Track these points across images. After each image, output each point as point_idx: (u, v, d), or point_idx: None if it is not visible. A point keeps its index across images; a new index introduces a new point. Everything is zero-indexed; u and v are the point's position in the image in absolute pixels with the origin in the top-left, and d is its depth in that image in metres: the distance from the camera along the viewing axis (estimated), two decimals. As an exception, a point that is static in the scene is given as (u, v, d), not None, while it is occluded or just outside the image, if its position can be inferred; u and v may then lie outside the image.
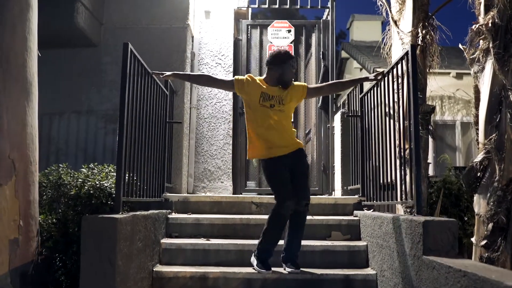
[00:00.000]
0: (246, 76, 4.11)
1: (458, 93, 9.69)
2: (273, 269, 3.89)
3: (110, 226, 3.03)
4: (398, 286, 3.36)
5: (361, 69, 12.01)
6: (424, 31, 5.02)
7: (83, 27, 5.59)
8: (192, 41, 6.55)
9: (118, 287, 3.04)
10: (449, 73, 9.28)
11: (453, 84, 9.73)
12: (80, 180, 4.05)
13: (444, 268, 2.59)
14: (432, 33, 5.13)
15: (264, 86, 4.00)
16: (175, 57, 6.15)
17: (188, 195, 5.68)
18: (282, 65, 3.97)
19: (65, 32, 5.50)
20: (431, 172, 8.84)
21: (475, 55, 4.22)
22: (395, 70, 3.95)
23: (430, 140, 9.48)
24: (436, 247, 2.94)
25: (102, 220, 3.07)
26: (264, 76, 4.09)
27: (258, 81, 4.05)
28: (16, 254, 3.54)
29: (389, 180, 4.08)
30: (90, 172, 4.19)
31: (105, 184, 4.03)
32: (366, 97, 4.98)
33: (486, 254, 3.88)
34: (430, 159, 8.46)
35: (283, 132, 3.95)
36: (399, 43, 5.23)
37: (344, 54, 14.57)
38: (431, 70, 5.23)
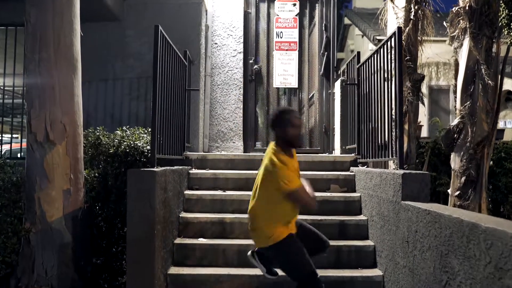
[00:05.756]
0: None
1: (453, 59, 9.93)
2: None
3: (151, 177, 3.73)
4: (384, 227, 4.09)
5: (362, 36, 12.31)
6: (416, 7, 5.52)
7: (110, 4, 6.15)
8: (206, 14, 7.04)
9: (156, 225, 3.76)
10: (444, 41, 9.52)
11: (449, 51, 9.74)
12: (116, 140, 4.73)
13: (415, 209, 3.32)
14: (425, 7, 5.63)
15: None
16: (191, 29, 6.67)
17: (206, 153, 6.37)
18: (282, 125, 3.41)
19: (93, 8, 5.98)
20: (425, 133, 9.39)
21: (455, 33, 4.76)
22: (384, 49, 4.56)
23: (426, 103, 10.01)
24: (412, 194, 3.65)
25: (144, 172, 3.76)
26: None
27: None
28: (69, 202, 4.30)
29: (380, 141, 4.74)
30: (124, 134, 4.86)
31: (138, 144, 4.71)
32: (362, 67, 5.55)
33: (459, 202, 4.56)
34: (424, 121, 9.03)
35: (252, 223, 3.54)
36: (394, 17, 5.74)
37: (347, 21, 14.84)
38: (426, 38, 5.64)
